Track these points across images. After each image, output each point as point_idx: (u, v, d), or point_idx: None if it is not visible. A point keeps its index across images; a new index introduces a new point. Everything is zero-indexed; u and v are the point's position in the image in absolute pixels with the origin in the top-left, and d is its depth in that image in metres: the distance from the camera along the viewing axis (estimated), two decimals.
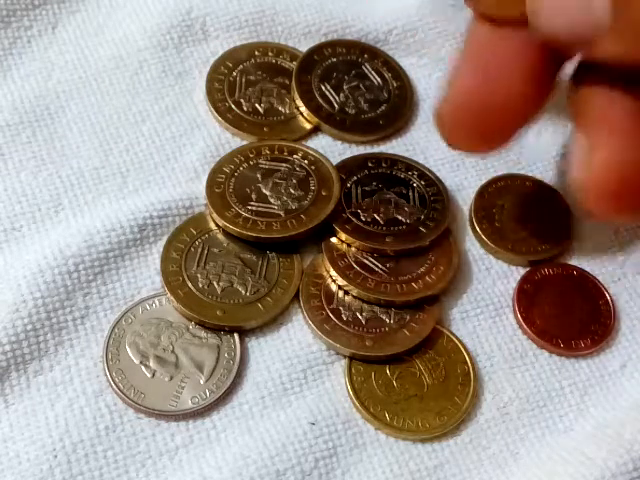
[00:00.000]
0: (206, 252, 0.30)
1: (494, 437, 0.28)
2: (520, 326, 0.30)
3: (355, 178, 0.32)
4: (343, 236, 0.31)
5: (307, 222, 0.30)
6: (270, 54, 0.35)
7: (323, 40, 0.36)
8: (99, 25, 0.35)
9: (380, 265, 0.30)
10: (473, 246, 0.32)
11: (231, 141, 0.33)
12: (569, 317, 0.31)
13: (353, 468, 0.27)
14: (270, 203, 0.31)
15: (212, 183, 0.31)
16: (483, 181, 0.33)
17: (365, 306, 0.30)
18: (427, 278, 0.30)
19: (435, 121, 0.27)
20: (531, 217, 0.33)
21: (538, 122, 0.34)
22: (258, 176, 0.32)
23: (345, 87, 0.35)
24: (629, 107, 0.24)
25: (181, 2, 0.35)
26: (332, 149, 0.33)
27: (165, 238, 0.31)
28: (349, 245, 0.31)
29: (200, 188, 0.32)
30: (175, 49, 0.35)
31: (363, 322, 0.29)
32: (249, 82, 0.35)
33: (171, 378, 0.28)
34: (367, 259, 0.31)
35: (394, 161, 0.33)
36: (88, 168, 0.32)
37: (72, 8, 0.36)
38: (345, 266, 0.30)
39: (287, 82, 0.35)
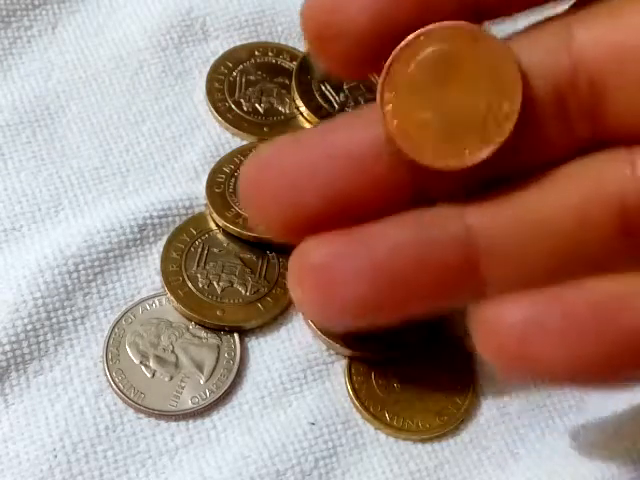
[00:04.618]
0: (206, 252, 0.30)
1: (494, 437, 0.28)
2: None
3: None
4: None
5: None
6: (270, 54, 0.35)
7: None
8: (99, 25, 0.35)
9: None
10: None
11: (231, 141, 0.33)
12: None
13: (353, 468, 0.27)
14: None
15: (212, 183, 0.31)
16: None
17: None
18: None
19: None
20: None
21: None
22: None
23: (345, 87, 0.35)
24: None
25: (181, 2, 0.35)
26: None
27: (165, 238, 0.31)
28: None
29: (200, 188, 0.32)
30: (175, 49, 0.35)
31: None
32: (249, 82, 0.35)
33: (171, 378, 0.28)
34: None
35: None
36: (88, 168, 0.32)
37: (72, 8, 0.36)
38: None
39: (287, 82, 0.35)
